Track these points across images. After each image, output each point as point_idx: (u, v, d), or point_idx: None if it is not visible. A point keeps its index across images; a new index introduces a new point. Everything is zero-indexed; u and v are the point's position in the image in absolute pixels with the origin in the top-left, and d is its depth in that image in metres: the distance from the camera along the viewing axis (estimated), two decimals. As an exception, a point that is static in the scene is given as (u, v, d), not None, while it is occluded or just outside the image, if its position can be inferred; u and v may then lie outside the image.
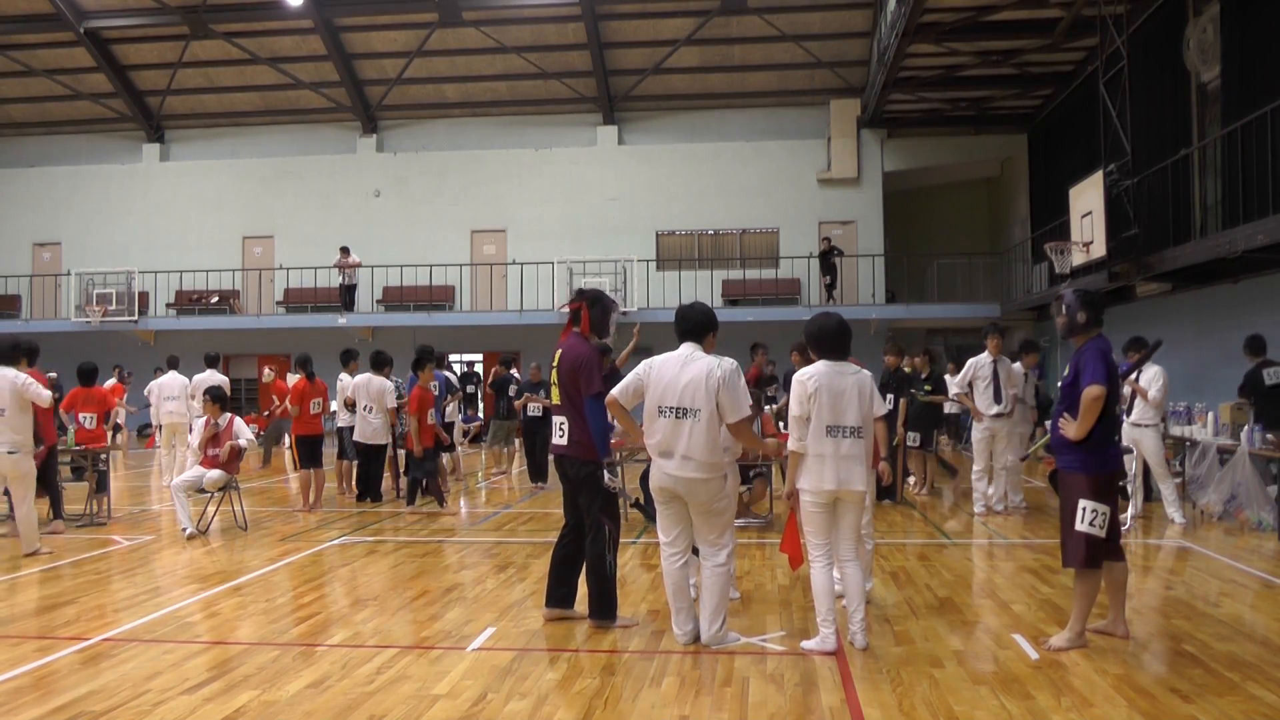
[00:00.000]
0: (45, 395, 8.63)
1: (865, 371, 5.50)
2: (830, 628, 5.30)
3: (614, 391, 5.53)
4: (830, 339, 5.42)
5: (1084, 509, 5.27)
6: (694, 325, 5.50)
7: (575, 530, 5.95)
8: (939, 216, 26.51)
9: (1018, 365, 10.68)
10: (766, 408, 11.04)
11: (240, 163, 26.01)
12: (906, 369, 11.90)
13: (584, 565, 5.90)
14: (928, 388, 12.08)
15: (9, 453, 8.40)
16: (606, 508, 5.79)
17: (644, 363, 5.52)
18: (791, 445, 5.40)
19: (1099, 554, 5.31)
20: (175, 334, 24.23)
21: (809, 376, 5.36)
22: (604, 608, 5.84)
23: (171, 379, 13.93)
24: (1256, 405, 9.99)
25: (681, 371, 5.34)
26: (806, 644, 5.39)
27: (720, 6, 21.88)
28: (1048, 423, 10.58)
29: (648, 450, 5.47)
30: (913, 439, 11.67)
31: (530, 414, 13.35)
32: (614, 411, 5.64)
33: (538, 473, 13.31)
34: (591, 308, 5.96)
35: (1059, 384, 6.79)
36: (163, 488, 13.22)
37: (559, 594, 6.03)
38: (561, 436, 5.81)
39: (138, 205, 26.11)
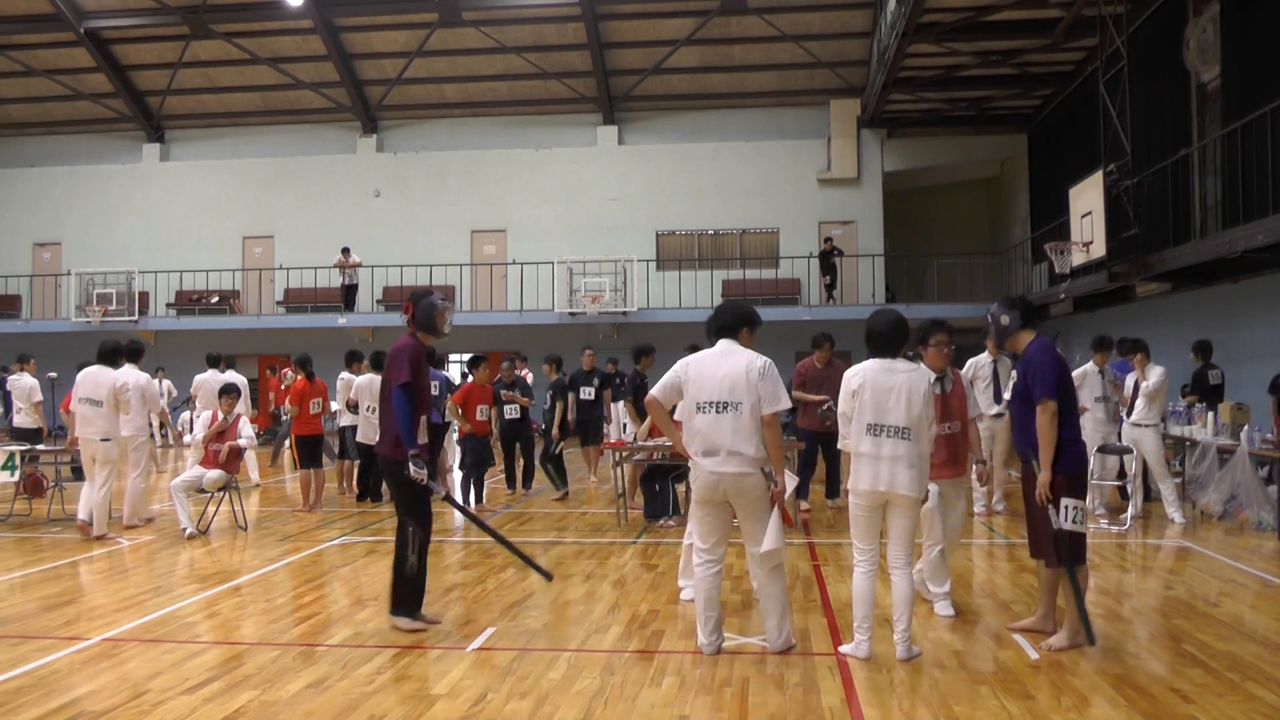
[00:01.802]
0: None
1: (921, 369, 5.32)
2: (865, 634, 5.18)
3: (654, 390, 5.38)
4: (875, 337, 5.29)
5: (1065, 506, 5.30)
6: (730, 320, 5.41)
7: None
8: (939, 216, 26.50)
9: (1090, 364, 10.47)
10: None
11: (240, 163, 26.01)
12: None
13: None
14: None
15: (102, 440, 9.37)
16: (413, 508, 5.83)
17: (681, 361, 5.38)
18: (840, 444, 5.37)
19: (1082, 549, 5.37)
20: (175, 334, 24.23)
21: (855, 373, 5.28)
22: (400, 604, 5.90)
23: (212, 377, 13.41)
24: (1205, 402, 11.09)
25: (720, 366, 5.21)
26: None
27: (720, 6, 21.87)
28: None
29: (689, 453, 5.24)
30: None
31: (507, 416, 12.26)
32: (652, 412, 5.45)
33: (510, 478, 12.66)
34: (416, 305, 6.02)
35: (1008, 392, 6.80)
36: (162, 488, 13.20)
37: None
38: (377, 436, 5.86)
39: (138, 205, 26.10)
